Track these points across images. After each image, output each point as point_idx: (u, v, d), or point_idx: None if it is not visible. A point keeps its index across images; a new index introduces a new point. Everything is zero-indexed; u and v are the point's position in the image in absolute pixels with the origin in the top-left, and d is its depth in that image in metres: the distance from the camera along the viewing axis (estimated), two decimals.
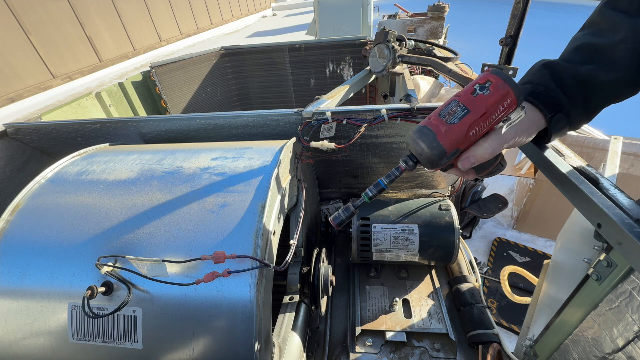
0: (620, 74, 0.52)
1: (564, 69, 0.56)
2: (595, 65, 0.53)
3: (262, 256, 0.64)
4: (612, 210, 0.54)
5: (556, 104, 0.56)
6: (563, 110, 0.56)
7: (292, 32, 12.06)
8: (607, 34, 0.53)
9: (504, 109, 0.52)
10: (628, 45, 0.51)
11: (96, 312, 0.63)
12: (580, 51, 0.55)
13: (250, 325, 0.60)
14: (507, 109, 0.53)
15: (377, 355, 0.95)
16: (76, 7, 6.98)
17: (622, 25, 0.52)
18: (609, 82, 0.53)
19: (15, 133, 1.22)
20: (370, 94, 2.59)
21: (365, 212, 1.16)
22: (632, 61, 0.51)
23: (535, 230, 2.78)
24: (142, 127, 1.17)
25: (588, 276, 0.63)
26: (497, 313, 2.17)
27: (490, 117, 0.53)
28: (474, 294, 1.06)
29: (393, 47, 1.70)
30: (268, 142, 0.96)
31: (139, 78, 2.33)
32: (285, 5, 22.01)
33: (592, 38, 0.55)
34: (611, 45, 0.52)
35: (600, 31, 0.54)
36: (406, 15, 3.67)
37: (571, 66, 0.55)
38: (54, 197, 0.79)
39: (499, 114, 0.53)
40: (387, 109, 1.00)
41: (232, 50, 2.67)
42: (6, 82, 5.70)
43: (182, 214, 0.70)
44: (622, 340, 0.56)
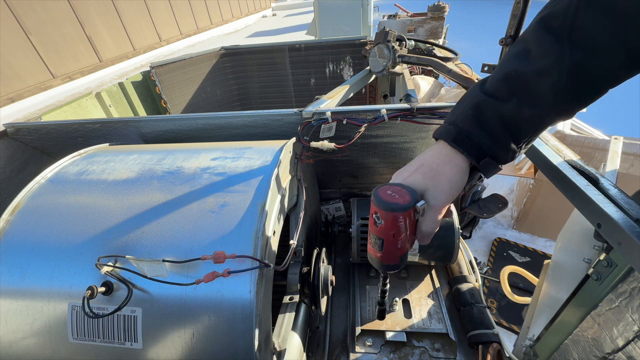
0: (543, 110, 0.50)
1: (489, 108, 0.52)
2: (519, 98, 0.50)
3: (262, 256, 0.64)
4: (612, 210, 0.54)
5: (481, 150, 0.53)
6: (488, 154, 0.54)
7: (292, 32, 12.06)
8: (535, 59, 0.49)
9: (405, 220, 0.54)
10: (551, 79, 0.47)
11: (96, 312, 0.63)
12: (508, 81, 0.52)
13: (250, 325, 0.60)
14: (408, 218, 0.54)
15: (377, 355, 0.95)
16: (76, 7, 6.98)
17: (550, 52, 0.48)
18: (533, 117, 0.50)
19: (15, 133, 1.22)
20: (370, 94, 2.59)
21: (365, 212, 1.16)
22: (553, 98, 0.48)
23: (535, 230, 2.78)
24: (142, 127, 1.17)
25: (588, 276, 0.63)
26: (497, 313, 2.17)
27: (401, 231, 0.55)
28: (474, 294, 1.06)
29: (393, 47, 1.70)
30: (268, 142, 0.96)
31: (139, 78, 2.33)
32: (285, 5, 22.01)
33: (520, 63, 0.51)
34: (536, 75, 0.49)
35: (529, 54, 0.50)
36: (406, 15, 3.68)
37: (496, 104, 0.52)
38: (54, 197, 0.79)
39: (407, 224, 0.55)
40: (387, 109, 1.00)
41: (232, 50, 2.67)
42: (6, 82, 5.70)
43: (182, 214, 0.70)
44: (622, 340, 0.56)
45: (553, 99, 0.48)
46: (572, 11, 0.46)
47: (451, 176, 0.55)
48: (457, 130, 0.54)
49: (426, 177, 0.56)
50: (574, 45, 0.46)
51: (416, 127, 1.11)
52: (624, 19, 0.43)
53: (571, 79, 0.46)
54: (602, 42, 0.45)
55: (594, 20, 0.45)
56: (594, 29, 0.45)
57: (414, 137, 1.17)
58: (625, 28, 0.43)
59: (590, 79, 0.47)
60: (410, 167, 0.59)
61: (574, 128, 2.81)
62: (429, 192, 0.55)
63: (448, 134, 0.55)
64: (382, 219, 0.54)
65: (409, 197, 0.53)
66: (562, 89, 0.47)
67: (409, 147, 1.22)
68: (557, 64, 0.46)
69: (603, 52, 0.45)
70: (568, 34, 0.46)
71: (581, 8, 0.45)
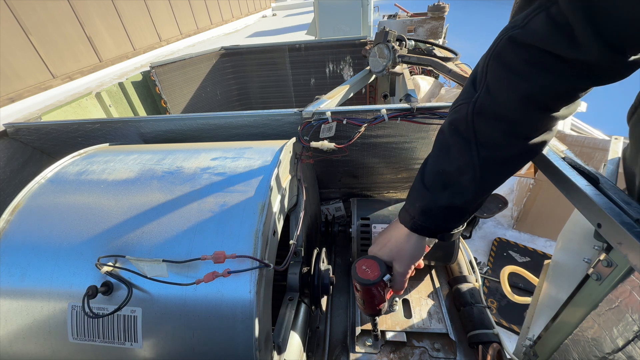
0: (469, 197, 0.62)
1: (430, 202, 0.65)
2: (450, 190, 0.62)
3: (262, 256, 0.64)
4: (612, 210, 0.54)
5: (434, 231, 0.68)
6: (441, 233, 0.69)
7: (292, 32, 12.05)
8: (454, 159, 0.61)
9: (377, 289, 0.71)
10: (469, 176, 0.59)
11: (96, 312, 0.63)
12: (439, 176, 0.64)
13: (250, 325, 0.60)
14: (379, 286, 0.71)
15: (377, 355, 0.95)
16: (76, 7, 6.98)
17: (463, 155, 0.60)
18: (463, 204, 0.63)
19: (15, 133, 1.22)
20: (370, 94, 2.59)
21: (365, 212, 1.17)
22: (475, 188, 0.61)
23: (535, 230, 2.78)
24: (142, 127, 1.17)
25: (588, 276, 0.63)
26: (497, 313, 2.17)
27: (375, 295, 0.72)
28: (474, 294, 1.06)
29: (393, 47, 1.70)
30: (268, 142, 0.96)
31: (139, 78, 2.32)
32: (285, 5, 22.00)
33: (445, 161, 0.63)
34: (458, 173, 0.61)
35: (450, 152, 0.62)
36: (406, 15, 3.67)
37: (434, 197, 0.64)
38: (54, 197, 0.79)
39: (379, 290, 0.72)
40: (387, 109, 1.00)
41: (232, 50, 2.67)
42: (6, 82, 5.69)
43: (182, 214, 0.70)
44: (622, 340, 0.56)
45: (475, 188, 0.61)
46: (470, 120, 0.58)
47: (411, 251, 0.71)
48: (412, 219, 0.69)
49: (392, 253, 0.73)
50: (480, 146, 0.58)
51: (416, 127, 1.11)
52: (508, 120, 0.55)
53: (482, 172, 0.59)
54: (497, 139, 0.57)
55: (486, 125, 0.57)
56: (489, 132, 0.57)
57: (414, 137, 1.17)
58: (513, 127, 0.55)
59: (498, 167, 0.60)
60: (381, 241, 0.76)
61: (574, 128, 2.81)
62: (395, 262, 0.73)
63: (405, 221, 0.70)
64: (360, 289, 0.72)
65: (378, 272, 0.71)
66: (479, 180, 0.59)
67: (409, 147, 1.22)
68: (471, 164, 0.59)
69: (501, 146, 0.57)
70: (474, 138, 0.58)
71: (475, 117, 0.58)
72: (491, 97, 0.56)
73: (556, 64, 0.48)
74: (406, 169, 1.34)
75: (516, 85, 0.52)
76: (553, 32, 0.46)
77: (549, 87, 0.50)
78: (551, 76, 0.49)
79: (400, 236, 0.72)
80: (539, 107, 0.53)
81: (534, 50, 0.49)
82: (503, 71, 0.54)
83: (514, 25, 0.52)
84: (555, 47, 0.47)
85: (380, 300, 0.74)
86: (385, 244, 0.74)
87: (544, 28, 0.47)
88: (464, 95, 0.61)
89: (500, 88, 0.55)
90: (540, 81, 0.50)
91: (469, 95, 0.60)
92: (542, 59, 0.49)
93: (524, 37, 0.50)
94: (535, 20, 0.48)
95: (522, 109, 0.53)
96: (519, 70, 0.51)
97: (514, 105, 0.53)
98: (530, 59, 0.50)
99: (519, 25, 0.51)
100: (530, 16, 0.49)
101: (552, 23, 0.46)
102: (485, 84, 0.57)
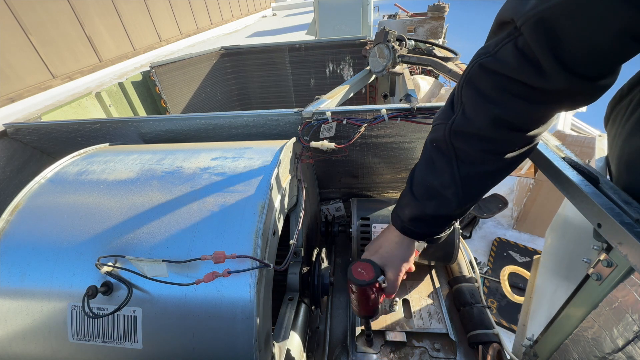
0: (451, 210, 0.67)
1: (418, 210, 0.69)
2: (436, 202, 0.66)
3: (262, 256, 0.64)
4: (612, 210, 0.54)
5: (422, 235, 0.74)
6: (429, 237, 0.74)
7: (292, 32, 12.05)
8: (438, 174, 0.65)
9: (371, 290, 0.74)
10: (452, 190, 0.63)
11: (96, 312, 0.63)
12: (426, 188, 0.68)
13: (250, 325, 0.60)
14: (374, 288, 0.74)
15: (377, 355, 0.95)
16: (76, 7, 6.98)
17: (445, 171, 0.63)
18: (447, 215, 0.68)
19: (15, 133, 1.22)
20: (370, 94, 2.59)
21: (365, 212, 1.17)
22: (457, 202, 0.65)
23: (535, 230, 2.78)
24: (142, 127, 1.17)
25: (588, 276, 0.63)
26: (497, 313, 2.17)
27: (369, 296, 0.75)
28: (474, 294, 1.06)
29: (393, 47, 1.70)
30: (268, 142, 0.96)
31: (139, 78, 2.32)
32: (285, 5, 22.00)
33: (430, 176, 0.67)
34: (442, 187, 0.65)
35: (435, 167, 0.66)
36: (406, 15, 3.67)
37: (422, 206, 0.69)
38: (54, 197, 0.79)
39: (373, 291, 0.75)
40: (387, 109, 1.00)
41: (232, 50, 2.67)
42: (6, 82, 5.69)
43: (182, 214, 0.70)
44: (622, 340, 0.56)
45: (457, 202, 0.65)
46: (447, 140, 0.62)
47: (401, 256, 0.77)
48: (402, 223, 0.74)
49: (384, 258, 0.77)
50: (460, 163, 0.62)
51: (416, 127, 1.11)
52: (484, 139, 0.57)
53: (464, 187, 0.63)
54: (476, 157, 0.60)
55: (465, 144, 0.60)
56: (467, 150, 0.60)
57: (414, 137, 1.17)
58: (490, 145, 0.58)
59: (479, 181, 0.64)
60: (373, 248, 0.80)
61: (574, 128, 2.81)
62: (387, 267, 0.77)
63: (396, 224, 0.75)
64: (355, 291, 0.75)
65: (373, 274, 0.74)
66: (460, 195, 0.64)
67: (409, 147, 1.22)
68: (452, 180, 0.63)
69: (480, 163, 0.61)
70: (455, 155, 0.62)
71: (452, 137, 0.61)
72: (466, 120, 0.58)
73: (526, 92, 0.50)
74: (406, 169, 1.34)
75: (488, 109, 0.54)
76: (521, 63, 0.47)
77: (521, 113, 0.52)
78: (522, 103, 0.51)
79: (391, 242, 0.77)
80: (512, 128, 0.55)
81: (504, 79, 0.50)
82: (475, 96, 0.56)
83: (486, 52, 0.53)
84: (523, 77, 0.48)
85: (374, 302, 0.77)
86: (377, 250, 0.79)
87: (512, 58, 0.48)
88: (442, 116, 0.64)
89: (474, 111, 0.57)
90: (511, 107, 0.52)
91: (447, 116, 0.62)
92: (511, 86, 0.50)
93: (493, 65, 0.51)
94: (505, 49, 0.50)
95: (496, 131, 0.55)
96: (490, 96, 0.54)
97: (489, 128, 0.56)
98: (500, 87, 0.52)
99: (490, 52, 0.52)
100: (500, 45, 0.51)
101: (519, 54, 0.47)
102: (462, 107, 0.59)
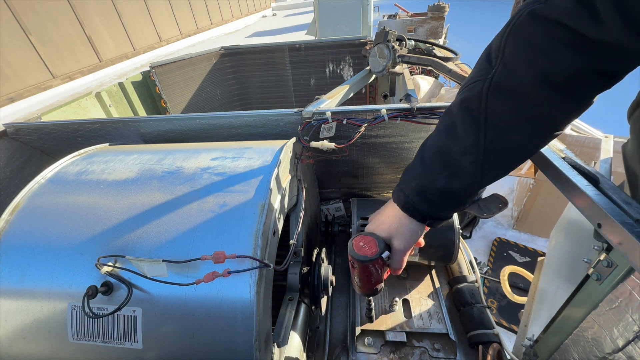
0: (468, 182, 0.60)
1: (428, 181, 0.63)
2: (450, 171, 0.60)
3: (262, 256, 0.64)
4: (612, 210, 0.54)
5: (425, 216, 0.65)
6: (431, 217, 0.66)
7: (292, 32, 12.05)
8: (459, 138, 0.59)
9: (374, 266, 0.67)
10: (473, 158, 0.58)
11: (96, 312, 0.63)
12: (440, 155, 0.62)
13: (250, 325, 0.60)
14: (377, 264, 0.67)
15: (377, 355, 0.95)
16: (76, 7, 6.98)
17: (469, 134, 0.58)
18: (462, 188, 0.61)
19: (15, 133, 1.21)
20: (370, 94, 2.59)
21: (365, 212, 1.16)
22: (474, 171, 0.59)
23: (535, 230, 2.77)
24: (142, 127, 1.17)
25: (588, 276, 0.63)
26: (497, 313, 2.17)
27: (372, 273, 0.68)
28: (474, 294, 1.06)
29: (393, 47, 1.70)
30: (268, 142, 0.96)
31: (139, 78, 2.32)
32: (285, 5, 22.01)
33: (449, 140, 0.61)
34: (461, 153, 0.59)
35: (456, 131, 0.60)
36: (406, 15, 3.67)
37: (433, 177, 0.62)
38: (54, 197, 0.79)
39: (376, 268, 0.68)
40: (387, 109, 1.00)
41: (232, 50, 2.67)
42: (6, 82, 5.70)
43: (182, 214, 0.70)
44: (622, 340, 0.56)
45: (473, 173, 0.59)
46: (484, 97, 0.56)
47: (410, 227, 0.68)
48: (405, 198, 0.66)
49: (391, 229, 0.69)
50: (488, 128, 0.56)
51: (416, 127, 1.11)
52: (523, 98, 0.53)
53: (486, 156, 0.57)
54: (509, 121, 0.55)
55: (501, 103, 0.55)
56: (501, 111, 0.55)
57: (414, 137, 1.17)
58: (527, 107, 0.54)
59: (502, 153, 0.58)
60: (378, 219, 0.72)
61: (574, 128, 2.81)
62: (394, 240, 0.69)
63: (399, 201, 0.68)
64: (355, 265, 0.68)
65: (376, 249, 0.66)
66: (479, 164, 0.58)
67: (409, 147, 1.22)
68: (475, 145, 0.57)
69: (511, 129, 0.56)
70: (484, 118, 0.56)
71: (490, 94, 0.56)
72: (508, 72, 0.54)
73: (576, 40, 0.48)
74: None
75: (535, 59, 0.51)
76: (576, 8, 0.46)
77: (568, 63, 0.49)
78: (570, 52, 0.48)
79: (396, 213, 0.69)
80: (554, 86, 0.52)
81: (555, 25, 0.48)
82: (522, 45, 0.53)
83: (535, 0, 0.51)
84: (576, 23, 0.46)
85: (377, 279, 0.70)
86: (384, 221, 0.71)
87: (567, 3, 0.47)
88: (478, 73, 0.59)
89: (518, 63, 0.53)
90: (559, 56, 0.49)
91: (484, 72, 0.58)
92: (562, 34, 0.48)
93: (545, 12, 0.49)
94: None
95: (538, 86, 0.52)
96: (538, 45, 0.51)
97: (531, 82, 0.52)
98: (550, 34, 0.49)
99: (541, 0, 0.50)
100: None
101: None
102: (502, 60, 0.55)
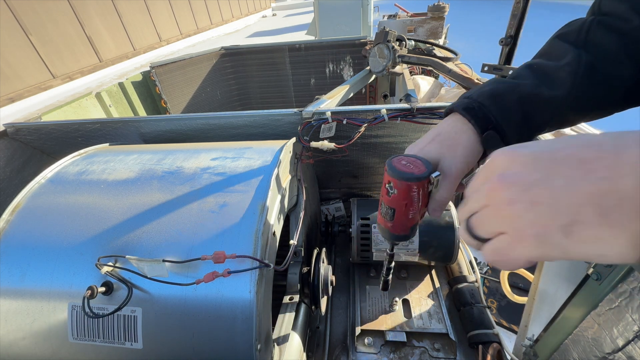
0: (562, 92, 0.53)
1: (508, 86, 0.56)
2: (540, 81, 0.54)
3: (262, 256, 0.64)
4: None
5: (487, 119, 0.54)
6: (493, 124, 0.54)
7: (292, 32, 12.06)
8: (555, 59, 0.55)
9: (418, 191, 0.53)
10: (571, 69, 0.53)
11: (96, 312, 0.63)
12: (530, 69, 0.57)
13: (250, 325, 0.60)
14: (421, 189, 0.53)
15: (377, 355, 0.95)
16: (76, 7, 6.98)
17: (568, 53, 0.54)
18: (551, 98, 0.53)
19: (15, 133, 1.22)
20: (370, 94, 2.59)
21: (365, 212, 1.16)
22: (573, 82, 0.53)
23: None
24: (142, 127, 1.17)
25: (588, 276, 0.63)
26: (497, 313, 2.17)
27: (414, 201, 0.54)
28: (474, 294, 1.06)
29: (393, 47, 1.70)
30: (268, 142, 0.96)
31: (139, 78, 2.32)
32: (285, 5, 22.01)
33: (541, 60, 0.57)
34: (557, 68, 0.54)
35: (550, 56, 0.57)
36: (406, 15, 3.67)
37: (516, 82, 0.55)
38: (54, 197, 0.79)
39: (420, 195, 0.54)
40: (387, 109, 1.00)
41: (232, 50, 2.67)
42: (6, 82, 5.69)
43: (182, 214, 0.70)
44: (622, 340, 0.56)
45: (571, 83, 0.52)
46: (585, 29, 0.54)
47: (467, 145, 0.54)
48: (470, 101, 0.56)
49: (443, 146, 0.55)
50: (588, 53, 0.52)
51: (416, 127, 1.11)
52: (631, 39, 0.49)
53: (587, 72, 0.52)
54: (611, 52, 0.51)
55: (603, 36, 0.51)
56: (603, 42, 0.51)
57: (414, 137, 1.17)
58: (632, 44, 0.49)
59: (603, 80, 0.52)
60: (426, 138, 0.58)
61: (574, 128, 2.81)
62: (445, 160, 0.54)
63: (461, 104, 0.57)
64: (395, 188, 0.53)
65: (424, 168, 0.52)
66: (580, 76, 0.52)
67: None
68: (576, 59, 0.52)
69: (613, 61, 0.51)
70: (583, 45, 0.53)
71: (592, 27, 0.53)
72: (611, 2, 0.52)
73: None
74: None
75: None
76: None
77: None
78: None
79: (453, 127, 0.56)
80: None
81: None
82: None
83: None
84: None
85: (415, 212, 0.56)
86: (434, 138, 0.57)
87: None
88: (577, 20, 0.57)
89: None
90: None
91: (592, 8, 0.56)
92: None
93: None
94: None
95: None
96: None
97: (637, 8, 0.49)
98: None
99: None
100: None
101: None
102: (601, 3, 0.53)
